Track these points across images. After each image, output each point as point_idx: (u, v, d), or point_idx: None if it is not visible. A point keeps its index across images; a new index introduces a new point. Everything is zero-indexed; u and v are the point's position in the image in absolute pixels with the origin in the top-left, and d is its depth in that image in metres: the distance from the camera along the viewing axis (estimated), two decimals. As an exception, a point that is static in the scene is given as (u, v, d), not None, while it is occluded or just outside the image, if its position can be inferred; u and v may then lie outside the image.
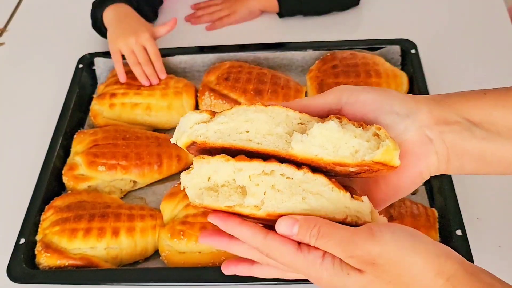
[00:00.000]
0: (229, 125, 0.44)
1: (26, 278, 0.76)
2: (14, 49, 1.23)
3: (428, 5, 1.21)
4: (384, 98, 0.46)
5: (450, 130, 0.46)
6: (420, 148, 0.46)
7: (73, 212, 0.81)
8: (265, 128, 0.44)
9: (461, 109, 0.47)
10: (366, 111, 0.46)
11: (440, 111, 0.46)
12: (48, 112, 1.04)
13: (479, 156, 0.46)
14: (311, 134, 0.43)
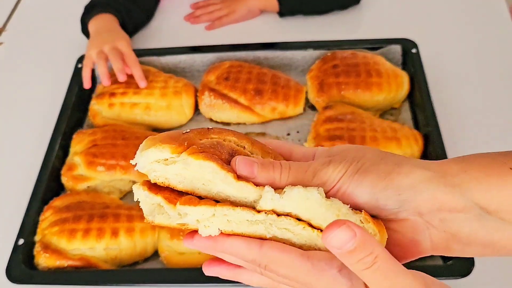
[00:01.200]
0: (191, 174, 0.39)
1: (25, 279, 0.76)
2: (13, 49, 1.23)
3: (429, 5, 1.20)
4: (381, 190, 0.38)
5: (455, 218, 0.38)
6: (411, 238, 0.39)
7: (72, 213, 0.81)
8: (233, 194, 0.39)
9: (476, 191, 0.38)
10: (365, 193, 0.39)
11: (448, 194, 0.38)
12: (47, 112, 1.03)
13: (487, 245, 0.39)
14: (287, 195, 0.37)
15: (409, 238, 0.39)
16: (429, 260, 0.77)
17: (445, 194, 0.38)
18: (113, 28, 1.06)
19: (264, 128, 0.97)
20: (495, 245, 0.39)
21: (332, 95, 0.94)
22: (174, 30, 1.19)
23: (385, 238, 0.38)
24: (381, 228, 0.38)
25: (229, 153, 0.40)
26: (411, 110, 0.97)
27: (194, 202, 0.38)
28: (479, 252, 0.40)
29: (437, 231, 0.39)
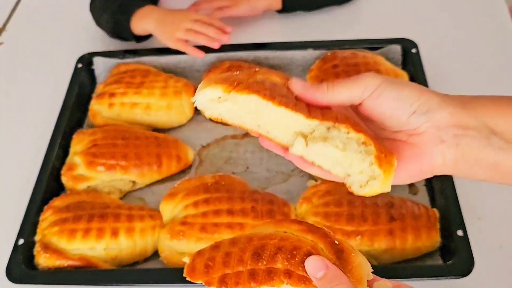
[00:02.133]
0: (239, 108, 0.47)
1: (25, 279, 0.76)
2: (13, 49, 1.23)
3: (429, 5, 1.20)
4: (406, 96, 0.46)
5: (466, 134, 0.45)
6: (427, 147, 0.46)
7: (72, 213, 0.81)
8: (275, 124, 0.47)
9: (486, 114, 0.45)
10: (385, 108, 0.47)
11: (462, 114, 0.45)
12: (47, 112, 1.03)
13: (492, 165, 0.45)
14: (311, 147, 0.46)
15: (425, 151, 0.46)
16: (429, 260, 0.77)
17: (461, 114, 0.45)
18: (170, 11, 1.05)
19: (264, 128, 0.97)
20: (500, 167, 0.45)
21: (332, 95, 0.94)
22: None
23: (389, 180, 0.46)
24: (388, 168, 0.45)
25: (271, 88, 0.47)
26: (411, 110, 0.97)
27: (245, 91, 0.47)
28: (485, 173, 0.46)
29: (450, 146, 0.45)
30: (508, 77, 1.02)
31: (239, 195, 0.80)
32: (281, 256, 0.47)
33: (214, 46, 0.99)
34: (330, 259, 0.45)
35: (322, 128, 0.47)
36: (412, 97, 0.46)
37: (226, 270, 0.50)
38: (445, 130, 0.46)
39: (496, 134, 0.45)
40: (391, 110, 0.46)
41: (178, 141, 0.94)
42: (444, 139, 0.46)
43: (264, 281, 0.47)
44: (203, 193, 0.81)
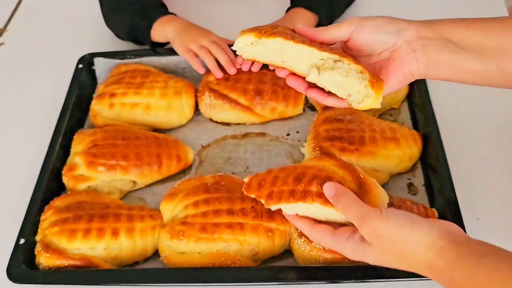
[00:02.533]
0: (268, 49, 0.65)
1: (26, 279, 0.76)
2: (14, 49, 1.23)
3: (427, 5, 1.21)
4: (381, 23, 0.64)
5: (430, 44, 0.62)
6: (405, 56, 0.63)
7: (72, 213, 0.81)
8: (295, 59, 0.64)
9: (442, 29, 0.63)
10: (367, 35, 0.64)
11: (425, 30, 0.63)
12: (48, 112, 1.04)
13: (451, 65, 0.62)
14: (322, 75, 0.63)
15: (404, 60, 0.63)
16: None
17: (424, 29, 0.63)
18: (192, 24, 1.05)
19: (264, 128, 0.98)
20: (456, 66, 0.62)
21: (332, 95, 0.95)
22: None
23: (379, 98, 0.63)
24: (378, 89, 0.62)
25: (291, 34, 0.65)
26: (410, 110, 0.97)
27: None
28: (447, 73, 0.64)
29: (419, 53, 0.63)
30: (507, 77, 1.03)
31: (239, 195, 0.80)
32: (316, 182, 0.65)
33: (217, 75, 0.97)
34: (353, 189, 0.65)
35: (330, 61, 0.63)
36: (386, 23, 0.64)
37: (273, 188, 0.70)
38: (414, 42, 0.63)
39: (450, 42, 0.62)
40: (373, 36, 0.64)
41: (178, 141, 0.94)
42: (415, 49, 0.63)
43: (300, 199, 0.66)
44: (203, 193, 0.81)
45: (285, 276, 0.73)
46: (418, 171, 0.88)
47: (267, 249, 0.78)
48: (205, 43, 0.99)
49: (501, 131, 0.93)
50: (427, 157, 0.87)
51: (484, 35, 0.61)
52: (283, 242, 0.78)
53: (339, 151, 0.84)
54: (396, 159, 0.85)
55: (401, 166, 0.86)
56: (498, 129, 0.94)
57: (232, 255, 0.76)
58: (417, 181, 0.87)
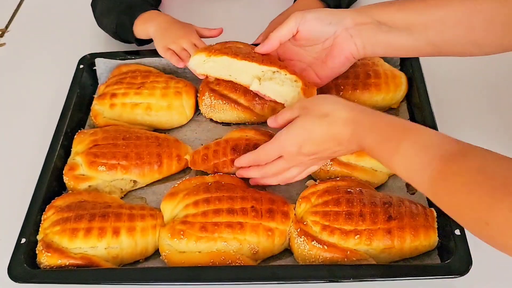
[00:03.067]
0: (217, 65, 0.82)
1: (27, 278, 0.77)
2: (15, 50, 1.24)
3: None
4: (322, 15, 0.76)
5: (365, 28, 0.74)
6: (344, 42, 0.76)
7: (73, 212, 0.81)
8: (240, 72, 0.81)
9: (374, 13, 0.73)
10: (312, 25, 0.76)
11: (359, 17, 0.74)
12: (49, 112, 1.04)
13: (386, 44, 0.74)
14: (263, 84, 0.80)
15: (344, 45, 0.76)
16: (427, 259, 0.77)
17: (359, 16, 0.74)
18: (175, 22, 1.05)
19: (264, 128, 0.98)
20: (390, 43, 0.74)
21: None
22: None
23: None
24: (310, 95, 0.79)
25: (236, 51, 0.81)
26: (409, 110, 0.97)
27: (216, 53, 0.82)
28: (383, 50, 0.77)
29: (356, 37, 0.75)
30: (506, 77, 1.03)
31: (240, 194, 0.81)
32: (248, 150, 0.84)
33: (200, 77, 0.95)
34: None
35: (269, 72, 0.79)
36: (326, 15, 0.75)
37: (215, 160, 0.88)
38: (351, 29, 0.75)
39: (383, 24, 0.73)
40: (316, 27, 0.76)
41: (178, 141, 0.94)
42: (352, 34, 0.75)
43: None
44: (203, 192, 0.81)
45: (285, 275, 0.73)
46: (417, 171, 0.88)
47: (267, 248, 0.78)
48: (186, 45, 0.99)
49: (501, 131, 0.94)
50: (426, 157, 0.87)
51: (411, 14, 0.72)
52: (283, 241, 0.79)
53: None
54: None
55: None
56: (498, 129, 0.94)
57: (232, 254, 0.77)
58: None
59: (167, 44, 1.00)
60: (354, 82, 0.95)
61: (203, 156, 0.89)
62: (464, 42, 0.72)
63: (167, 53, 1.00)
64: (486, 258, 0.76)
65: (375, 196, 0.79)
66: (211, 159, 0.88)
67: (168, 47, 1.00)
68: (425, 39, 0.72)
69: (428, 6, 0.72)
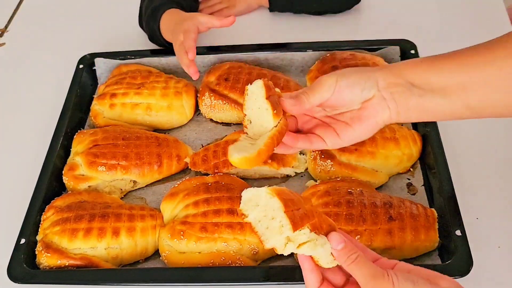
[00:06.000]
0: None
1: (27, 278, 0.76)
2: (15, 50, 1.24)
3: (427, 6, 1.21)
4: (355, 81, 0.65)
5: (397, 91, 0.65)
6: (377, 106, 0.65)
7: (73, 212, 0.81)
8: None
9: (406, 74, 0.65)
10: (346, 94, 0.65)
11: (391, 78, 0.65)
12: (49, 112, 1.04)
13: (420, 108, 0.65)
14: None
15: (377, 108, 0.66)
16: (428, 259, 0.77)
17: (391, 78, 0.65)
18: (178, 19, 1.02)
19: (264, 128, 0.98)
20: (423, 108, 0.64)
21: (332, 95, 0.95)
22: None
23: None
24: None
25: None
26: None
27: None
28: (417, 115, 0.66)
29: (390, 100, 0.65)
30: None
31: (240, 194, 0.80)
32: None
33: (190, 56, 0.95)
34: None
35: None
36: (359, 80, 0.65)
37: (215, 160, 0.87)
38: (384, 91, 0.65)
39: (415, 86, 0.64)
40: (349, 95, 0.65)
41: (178, 141, 0.94)
42: (385, 97, 0.65)
43: None
44: (203, 192, 0.81)
45: (285, 276, 0.73)
46: (417, 171, 0.88)
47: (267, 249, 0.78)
48: (175, 48, 0.97)
49: (500, 131, 0.94)
50: (426, 157, 0.87)
51: (444, 74, 0.63)
52: (283, 241, 0.78)
53: (339, 151, 0.85)
54: (395, 159, 0.85)
55: (400, 166, 0.87)
56: (498, 129, 0.94)
57: (232, 254, 0.76)
58: (416, 181, 0.87)
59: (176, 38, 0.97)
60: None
61: (203, 157, 0.89)
62: (508, 104, 0.62)
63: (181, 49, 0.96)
64: (486, 259, 0.76)
65: (376, 196, 0.79)
66: (211, 160, 0.88)
67: (178, 45, 0.97)
68: (462, 102, 0.63)
69: (466, 65, 0.62)
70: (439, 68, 0.63)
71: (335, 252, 0.57)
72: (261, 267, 0.77)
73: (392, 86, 0.65)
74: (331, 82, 0.65)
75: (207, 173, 0.89)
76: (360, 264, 0.56)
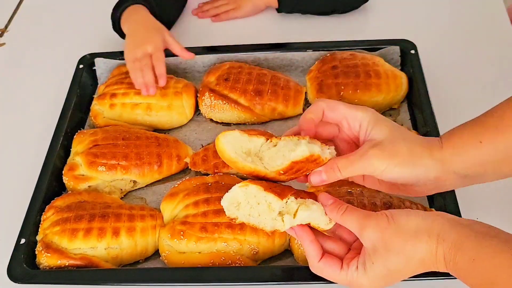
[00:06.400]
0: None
1: (27, 278, 0.76)
2: (15, 50, 1.24)
3: (427, 6, 1.21)
4: (413, 174, 0.59)
5: (442, 185, 0.61)
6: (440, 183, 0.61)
7: (73, 212, 0.81)
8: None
9: (453, 164, 0.59)
10: (396, 178, 0.60)
11: (436, 170, 0.59)
12: (49, 112, 1.04)
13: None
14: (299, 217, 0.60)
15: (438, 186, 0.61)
16: (428, 259, 0.77)
17: (434, 171, 0.59)
18: (145, 23, 1.02)
19: (264, 128, 0.98)
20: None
21: (331, 95, 0.95)
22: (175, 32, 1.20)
23: None
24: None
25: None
26: (409, 110, 0.97)
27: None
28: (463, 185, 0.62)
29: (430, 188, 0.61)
30: (506, 77, 1.03)
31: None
32: None
33: (143, 93, 0.95)
34: None
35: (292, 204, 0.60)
36: (419, 174, 0.59)
37: (215, 160, 0.86)
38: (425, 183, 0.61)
39: (464, 177, 0.60)
40: (402, 180, 0.60)
41: (178, 141, 0.94)
42: (427, 186, 0.61)
43: None
44: (203, 193, 0.81)
45: (285, 276, 0.73)
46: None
47: (267, 248, 0.78)
48: (139, 55, 0.97)
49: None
50: (427, 157, 0.87)
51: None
52: (283, 241, 0.78)
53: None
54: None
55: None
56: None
57: (232, 254, 0.76)
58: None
59: (128, 53, 0.98)
60: (355, 82, 0.95)
61: (203, 157, 0.89)
62: None
63: (132, 68, 0.97)
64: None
65: (376, 196, 0.79)
66: (211, 159, 0.88)
67: (127, 57, 0.98)
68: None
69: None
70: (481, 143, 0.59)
71: (327, 208, 0.59)
72: (261, 267, 0.77)
73: (437, 181, 0.60)
74: (379, 165, 0.58)
75: (207, 173, 0.89)
76: (351, 211, 0.58)
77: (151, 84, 0.95)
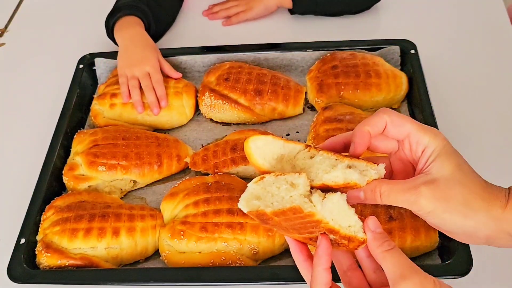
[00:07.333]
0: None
1: (27, 278, 0.76)
2: (15, 50, 1.24)
3: (427, 6, 1.21)
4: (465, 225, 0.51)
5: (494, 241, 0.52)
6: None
7: (73, 212, 0.81)
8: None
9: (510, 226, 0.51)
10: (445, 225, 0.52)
11: (491, 229, 0.51)
12: (49, 112, 1.04)
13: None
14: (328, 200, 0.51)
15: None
16: (428, 259, 0.77)
17: (487, 230, 0.51)
18: (140, 40, 1.03)
19: (264, 128, 0.98)
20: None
21: (332, 95, 0.95)
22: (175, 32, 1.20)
23: None
24: None
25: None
26: (409, 110, 0.97)
27: None
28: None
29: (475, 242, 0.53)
30: (506, 77, 1.03)
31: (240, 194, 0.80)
32: None
33: (138, 110, 0.97)
34: None
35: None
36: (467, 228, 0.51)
37: (215, 160, 0.88)
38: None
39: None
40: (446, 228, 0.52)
41: (178, 141, 0.94)
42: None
43: (241, 163, 0.86)
44: (203, 192, 0.81)
45: (285, 276, 0.73)
46: (417, 171, 0.88)
47: (267, 248, 0.78)
48: (138, 74, 0.98)
49: (501, 131, 0.94)
50: (427, 157, 0.87)
51: None
52: (283, 241, 0.78)
53: None
54: None
55: None
56: (498, 129, 0.94)
57: (232, 254, 0.76)
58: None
59: (122, 68, 0.99)
60: (355, 81, 0.95)
61: (203, 157, 0.89)
62: None
63: (120, 79, 0.98)
64: (487, 259, 0.76)
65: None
66: (211, 159, 0.88)
67: (122, 72, 0.99)
68: None
69: None
70: None
71: (370, 236, 0.50)
72: (261, 267, 0.77)
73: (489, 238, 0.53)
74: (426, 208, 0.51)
75: (207, 173, 0.89)
76: (398, 253, 0.49)
77: (155, 104, 0.97)
